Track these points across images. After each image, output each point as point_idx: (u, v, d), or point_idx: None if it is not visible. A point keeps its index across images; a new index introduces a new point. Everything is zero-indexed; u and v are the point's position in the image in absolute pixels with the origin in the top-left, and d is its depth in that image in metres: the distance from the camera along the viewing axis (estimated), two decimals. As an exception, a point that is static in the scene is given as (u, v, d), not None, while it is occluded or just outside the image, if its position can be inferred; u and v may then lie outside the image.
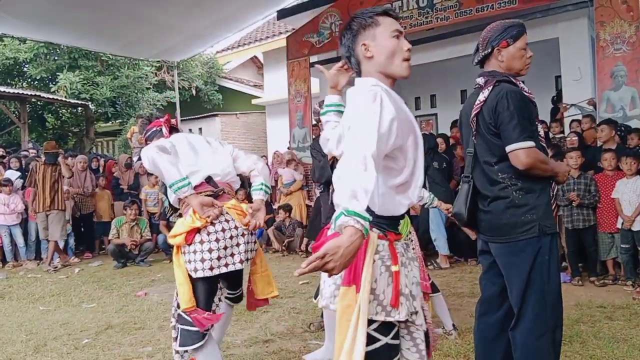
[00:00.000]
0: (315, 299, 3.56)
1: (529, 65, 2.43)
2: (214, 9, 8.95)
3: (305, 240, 7.83)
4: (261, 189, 3.12)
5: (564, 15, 7.19)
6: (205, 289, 2.73)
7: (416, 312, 1.73)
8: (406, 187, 1.71)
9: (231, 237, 2.74)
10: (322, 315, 3.63)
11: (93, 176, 8.87)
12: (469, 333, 3.74)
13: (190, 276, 2.68)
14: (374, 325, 1.63)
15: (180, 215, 2.88)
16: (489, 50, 2.40)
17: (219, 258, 2.68)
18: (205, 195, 2.77)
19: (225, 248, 2.71)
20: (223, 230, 2.71)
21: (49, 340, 4.10)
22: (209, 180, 2.90)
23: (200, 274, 2.65)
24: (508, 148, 2.25)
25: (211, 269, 2.66)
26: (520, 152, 2.22)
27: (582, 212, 5.36)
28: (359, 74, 1.77)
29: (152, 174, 8.77)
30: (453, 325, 3.73)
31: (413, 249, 3.50)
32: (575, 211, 5.37)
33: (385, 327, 1.66)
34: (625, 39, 6.38)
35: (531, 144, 2.23)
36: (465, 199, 2.44)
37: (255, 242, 2.96)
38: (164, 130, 3.08)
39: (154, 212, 8.65)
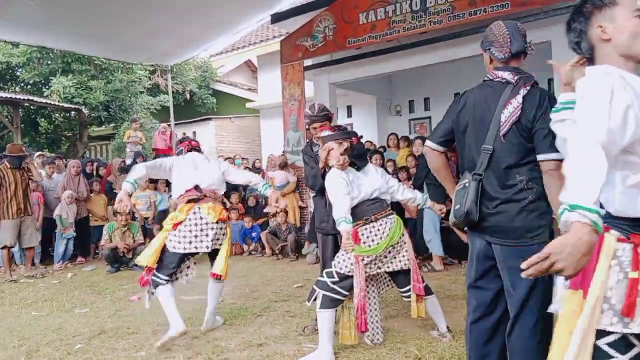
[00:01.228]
0: (308, 302, 3.56)
1: None
2: (207, 13, 8.94)
3: (306, 243, 7.79)
4: (268, 186, 4.42)
5: (556, 19, 7.22)
6: (173, 260, 3.92)
7: None
8: None
9: (201, 230, 3.92)
10: (316, 319, 3.62)
11: (86, 181, 8.83)
12: (463, 335, 3.74)
13: (164, 247, 3.89)
14: (608, 339, 1.47)
15: None
16: (531, 49, 2.38)
17: (190, 242, 3.90)
18: (190, 199, 3.96)
19: (196, 236, 3.91)
20: (196, 224, 3.91)
21: (41, 345, 4.07)
22: (196, 187, 4.01)
23: (176, 251, 3.88)
24: (556, 155, 2.16)
25: (184, 249, 3.89)
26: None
27: None
28: (591, 60, 1.65)
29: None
30: (447, 327, 3.73)
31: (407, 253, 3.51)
32: None
33: (622, 344, 1.47)
34: (617, 42, 6.43)
35: None
36: (476, 197, 2.32)
37: (224, 234, 4.09)
38: (184, 150, 4.33)
39: (146, 217, 8.61)
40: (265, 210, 8.93)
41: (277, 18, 10.14)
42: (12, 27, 8.55)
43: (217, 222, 3.96)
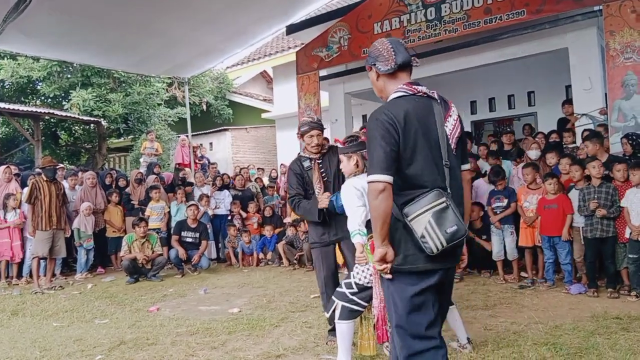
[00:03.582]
0: (327, 313, 3.54)
1: None
2: (224, 26, 9.05)
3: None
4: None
5: (573, 25, 7.17)
6: None
7: None
8: None
9: None
10: (334, 329, 3.61)
11: (104, 192, 8.91)
12: (484, 346, 3.71)
13: None
14: None
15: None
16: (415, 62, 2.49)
17: None
18: None
19: None
20: None
21: (62, 356, 4.11)
22: None
23: None
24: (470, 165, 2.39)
25: None
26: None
27: (602, 221, 5.27)
28: None
29: (155, 189, 8.80)
30: (468, 338, 3.69)
31: None
32: (595, 220, 5.29)
33: None
34: (635, 48, 6.34)
35: None
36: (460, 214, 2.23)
37: None
38: None
39: (158, 228, 8.60)
40: (285, 221, 8.95)
41: (292, 29, 10.22)
42: (32, 42, 8.72)
43: None
